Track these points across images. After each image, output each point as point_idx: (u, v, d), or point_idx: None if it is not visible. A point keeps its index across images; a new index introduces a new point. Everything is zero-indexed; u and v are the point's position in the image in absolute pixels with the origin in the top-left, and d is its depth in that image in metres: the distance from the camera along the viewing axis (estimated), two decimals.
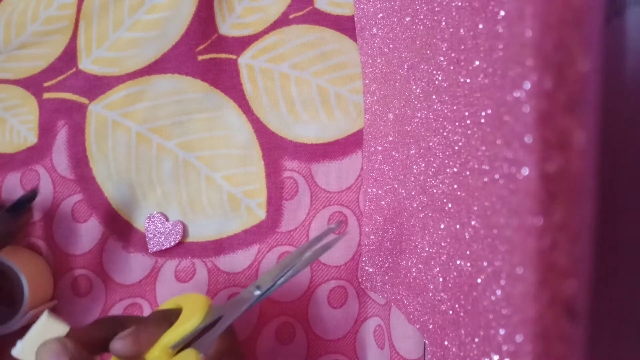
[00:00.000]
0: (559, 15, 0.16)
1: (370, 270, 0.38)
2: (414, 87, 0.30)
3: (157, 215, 0.39)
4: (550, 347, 0.17)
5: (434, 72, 0.28)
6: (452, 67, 0.26)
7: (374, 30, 0.36)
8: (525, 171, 0.18)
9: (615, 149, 0.28)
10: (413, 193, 0.31)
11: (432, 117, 0.28)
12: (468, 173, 0.24)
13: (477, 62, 0.23)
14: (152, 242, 0.39)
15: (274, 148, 0.39)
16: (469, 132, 0.24)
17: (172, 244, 0.39)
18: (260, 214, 0.39)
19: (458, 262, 0.26)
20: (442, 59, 0.27)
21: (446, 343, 0.27)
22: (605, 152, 0.19)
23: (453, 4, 0.25)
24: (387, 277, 0.35)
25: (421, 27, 0.29)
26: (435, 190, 0.28)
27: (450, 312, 0.27)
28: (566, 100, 0.16)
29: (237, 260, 0.39)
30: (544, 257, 0.17)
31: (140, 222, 0.39)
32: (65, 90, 0.40)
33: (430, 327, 0.29)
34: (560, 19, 0.16)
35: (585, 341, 0.17)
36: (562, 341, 0.17)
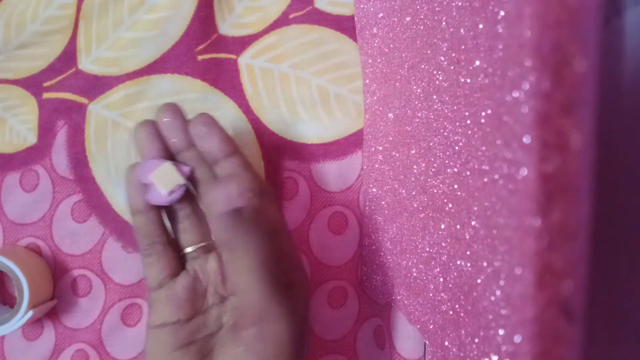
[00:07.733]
0: (556, 16, 0.16)
1: (370, 270, 0.38)
2: (415, 87, 0.30)
3: None
4: (548, 348, 0.17)
5: (435, 72, 0.28)
6: (452, 67, 0.26)
7: (374, 30, 0.36)
8: (523, 172, 0.18)
9: (614, 148, 0.28)
10: (413, 193, 0.31)
11: (432, 117, 0.28)
12: (468, 173, 0.24)
13: (477, 62, 0.23)
14: None
15: (274, 148, 0.39)
16: (469, 132, 0.24)
17: None
18: None
19: (458, 262, 0.26)
20: (442, 58, 0.27)
21: (446, 343, 0.27)
22: (603, 152, 0.19)
23: (453, 4, 0.25)
24: (387, 277, 0.35)
25: (421, 27, 0.29)
26: (435, 191, 0.28)
27: (451, 312, 0.27)
28: (563, 101, 0.16)
29: None
30: (542, 258, 0.17)
31: None
32: (65, 90, 0.40)
33: (431, 327, 0.29)
34: (556, 19, 0.16)
35: (582, 341, 0.17)
36: (559, 342, 0.17)
